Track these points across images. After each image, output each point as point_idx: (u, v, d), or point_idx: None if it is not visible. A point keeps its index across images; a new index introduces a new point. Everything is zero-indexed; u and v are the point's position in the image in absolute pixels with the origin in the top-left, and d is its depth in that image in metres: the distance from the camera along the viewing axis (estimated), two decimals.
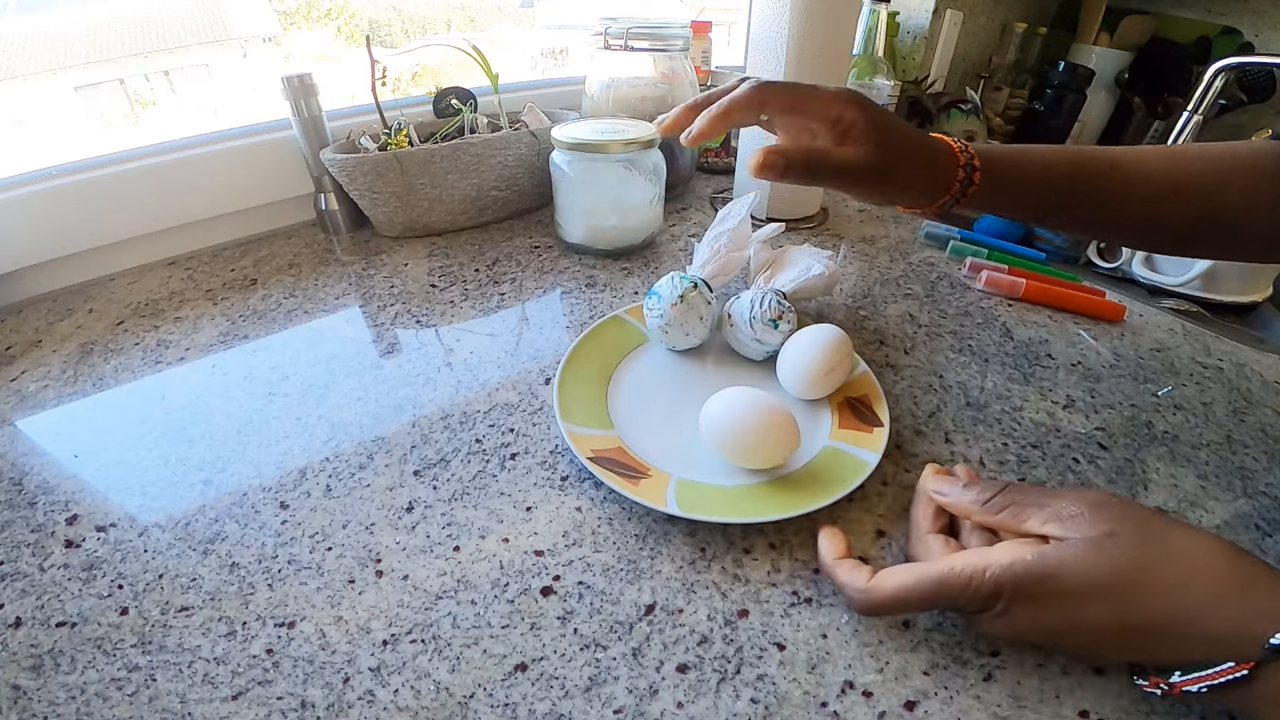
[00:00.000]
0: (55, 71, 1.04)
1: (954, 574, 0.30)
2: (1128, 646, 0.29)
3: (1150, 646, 0.28)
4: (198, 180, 0.69)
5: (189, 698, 0.30)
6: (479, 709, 0.30)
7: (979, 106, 1.13)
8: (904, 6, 1.15)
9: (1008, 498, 0.33)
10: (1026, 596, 0.29)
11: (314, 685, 0.31)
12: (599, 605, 0.34)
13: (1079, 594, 0.28)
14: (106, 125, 1.12)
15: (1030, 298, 0.65)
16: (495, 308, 0.61)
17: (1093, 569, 0.27)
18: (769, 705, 0.30)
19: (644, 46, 0.75)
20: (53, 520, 0.39)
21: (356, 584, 0.35)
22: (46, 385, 0.51)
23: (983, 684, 0.31)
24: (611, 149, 0.63)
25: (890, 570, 0.32)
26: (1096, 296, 0.65)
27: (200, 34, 1.30)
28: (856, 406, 0.47)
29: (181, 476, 0.42)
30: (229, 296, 0.63)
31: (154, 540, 0.38)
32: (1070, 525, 0.29)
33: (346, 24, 1.42)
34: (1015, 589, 0.29)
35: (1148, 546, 0.28)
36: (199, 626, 0.33)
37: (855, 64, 0.91)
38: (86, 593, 0.35)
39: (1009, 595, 0.29)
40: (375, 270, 0.68)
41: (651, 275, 0.67)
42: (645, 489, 0.39)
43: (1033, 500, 0.32)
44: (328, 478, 0.42)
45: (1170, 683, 0.27)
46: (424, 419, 0.47)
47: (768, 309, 0.49)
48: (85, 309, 0.61)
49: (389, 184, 0.69)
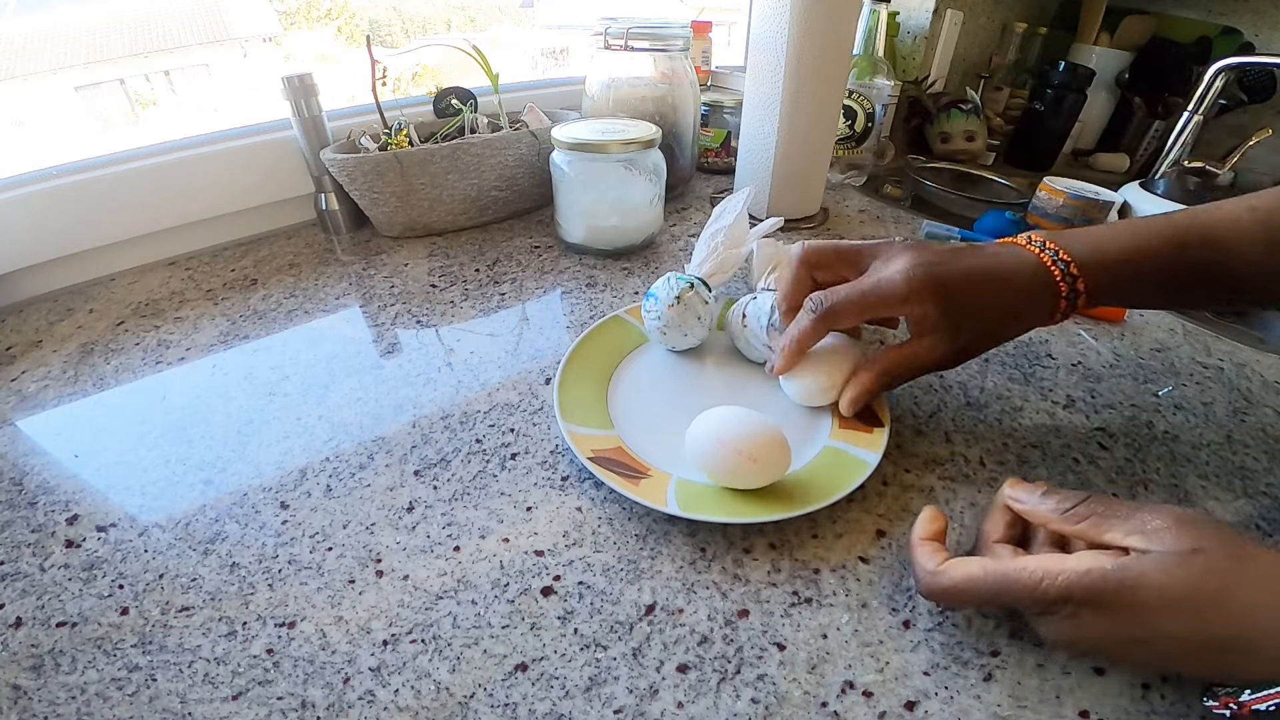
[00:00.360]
0: (55, 71, 1.04)
1: (1023, 572, 0.30)
2: (1200, 662, 0.28)
3: (1224, 662, 0.27)
4: (198, 180, 0.69)
5: (189, 698, 0.30)
6: (479, 709, 0.30)
7: (979, 106, 1.13)
8: (904, 6, 1.15)
9: (1090, 508, 0.32)
10: (1100, 605, 0.28)
11: (314, 685, 0.31)
12: (599, 605, 0.34)
13: (1158, 607, 0.27)
14: (106, 125, 1.12)
15: None
16: (495, 308, 0.61)
17: (1176, 584, 0.27)
18: (769, 705, 0.30)
19: (644, 46, 0.75)
20: (53, 520, 0.39)
21: (357, 584, 0.35)
22: (47, 385, 0.51)
23: (983, 684, 0.31)
24: (612, 149, 0.63)
25: (960, 560, 0.32)
26: None
27: (200, 34, 1.30)
28: None
29: (182, 476, 0.42)
30: (229, 296, 0.63)
31: (154, 540, 0.38)
32: (1155, 539, 0.28)
33: (347, 24, 1.42)
34: (1088, 596, 0.28)
35: (1232, 565, 0.27)
36: (199, 626, 0.33)
37: (855, 64, 0.90)
38: (87, 593, 0.35)
39: (1079, 601, 0.28)
40: (375, 270, 0.68)
41: (652, 275, 0.67)
42: (645, 489, 0.39)
43: (1115, 511, 0.31)
44: (328, 478, 0.42)
45: (1240, 701, 0.27)
46: (424, 419, 0.47)
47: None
48: (86, 309, 0.61)
49: (389, 184, 0.69)
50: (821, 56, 0.68)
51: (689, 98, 0.81)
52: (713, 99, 0.95)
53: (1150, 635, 0.28)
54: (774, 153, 0.75)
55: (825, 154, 0.78)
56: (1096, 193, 0.75)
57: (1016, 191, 0.99)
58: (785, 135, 0.73)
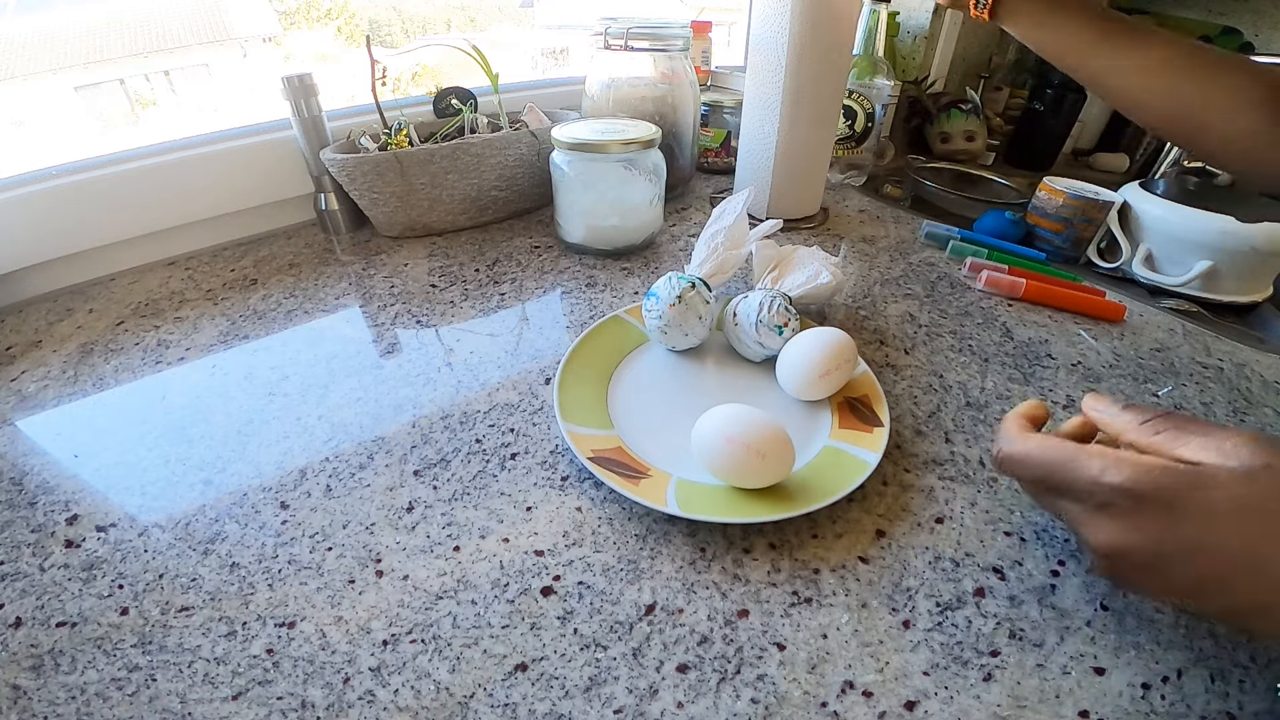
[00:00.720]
0: (55, 71, 1.04)
1: (1091, 458, 0.30)
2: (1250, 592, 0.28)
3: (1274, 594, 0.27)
4: (198, 180, 0.69)
5: (189, 698, 0.30)
6: (479, 709, 0.30)
7: (979, 106, 1.13)
8: (904, 6, 1.15)
9: (1167, 423, 0.32)
10: (1165, 500, 0.28)
11: (314, 685, 0.31)
12: (599, 605, 0.34)
13: (1225, 513, 0.27)
14: (107, 125, 1.12)
15: (1030, 298, 0.65)
16: (495, 308, 0.61)
17: (1249, 493, 0.27)
18: (769, 705, 0.30)
19: (644, 46, 0.75)
20: (53, 520, 0.39)
21: (357, 584, 0.35)
22: (46, 385, 0.51)
23: (983, 684, 0.31)
24: (611, 149, 0.63)
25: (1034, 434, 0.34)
26: (1096, 296, 0.65)
27: (200, 34, 1.30)
28: (856, 406, 0.47)
29: (181, 476, 0.42)
30: (229, 296, 0.63)
31: (154, 540, 0.38)
32: (1229, 455, 0.28)
33: (347, 24, 1.42)
34: (1155, 488, 0.28)
35: None
36: (199, 626, 0.33)
37: (855, 64, 0.90)
38: (87, 593, 0.35)
39: (1142, 493, 0.28)
40: (375, 270, 0.68)
41: (651, 275, 0.67)
42: (645, 489, 0.39)
43: (1193, 429, 0.31)
44: (328, 478, 0.42)
45: None
46: (424, 419, 0.47)
47: (775, 314, 0.49)
48: (85, 309, 0.61)
49: (389, 184, 0.69)
50: (821, 57, 0.68)
51: (689, 98, 0.81)
52: (713, 99, 0.95)
53: (1208, 545, 0.27)
54: (774, 153, 0.75)
55: (825, 154, 0.78)
56: (1096, 193, 0.75)
57: (1016, 191, 0.99)
58: (785, 135, 0.73)
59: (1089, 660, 0.33)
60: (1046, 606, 0.35)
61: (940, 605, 0.35)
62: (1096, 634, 0.34)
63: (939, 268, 0.72)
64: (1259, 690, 0.32)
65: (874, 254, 0.75)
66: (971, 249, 0.73)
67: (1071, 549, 0.38)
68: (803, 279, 0.54)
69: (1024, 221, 0.80)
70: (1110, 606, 0.35)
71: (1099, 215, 0.75)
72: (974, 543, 0.39)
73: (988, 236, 0.78)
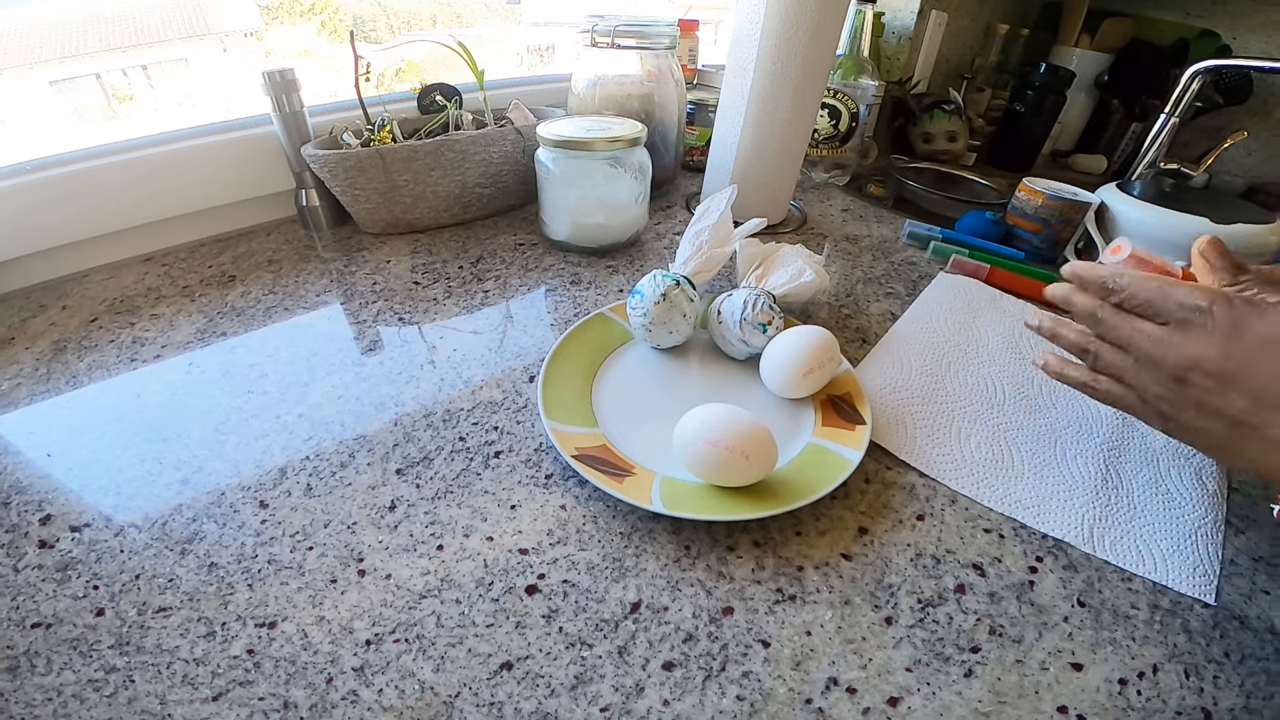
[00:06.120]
0: (30, 66, 1.01)
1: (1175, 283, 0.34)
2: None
3: None
4: (175, 175, 0.68)
5: (169, 699, 0.30)
6: (464, 708, 0.30)
7: (961, 107, 1.14)
8: (889, 7, 1.16)
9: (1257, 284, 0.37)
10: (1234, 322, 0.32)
11: (296, 686, 0.30)
12: (584, 603, 0.34)
13: None
14: (82, 120, 1.10)
15: (994, 282, 0.70)
16: (479, 305, 0.61)
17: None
18: (754, 702, 0.30)
19: (631, 44, 0.75)
20: (26, 520, 0.38)
21: (339, 583, 0.35)
22: (19, 383, 0.50)
23: (964, 680, 0.32)
24: (597, 146, 0.63)
25: None
26: None
27: (179, 28, 1.28)
28: (839, 404, 0.47)
29: (158, 475, 0.42)
30: (207, 293, 0.62)
31: (130, 540, 0.37)
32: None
33: (330, 19, 1.40)
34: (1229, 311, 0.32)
35: None
36: (177, 627, 0.33)
37: (840, 64, 0.91)
38: (61, 594, 0.34)
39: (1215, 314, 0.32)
40: (357, 267, 0.67)
41: (636, 273, 0.67)
42: (630, 487, 0.39)
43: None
44: (308, 476, 0.42)
45: None
46: (406, 417, 0.47)
47: (759, 312, 0.49)
48: (58, 305, 0.60)
49: (371, 180, 0.68)
50: (807, 56, 0.68)
51: (674, 96, 0.80)
52: (698, 97, 0.95)
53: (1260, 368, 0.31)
54: (734, 156, 0.74)
55: (794, 163, 0.77)
56: (1074, 194, 0.76)
57: (996, 192, 1.01)
58: (748, 140, 0.73)
59: (1067, 656, 0.33)
60: (1025, 603, 0.36)
61: (922, 602, 0.35)
62: (1074, 630, 0.34)
63: (920, 267, 0.72)
64: (1232, 686, 0.32)
65: (857, 253, 0.75)
66: (953, 249, 0.74)
67: (1050, 545, 0.39)
68: (786, 277, 0.54)
69: (1004, 222, 0.81)
70: (1086, 603, 0.36)
71: (1077, 216, 0.76)
72: (954, 540, 0.39)
73: (969, 236, 0.79)
